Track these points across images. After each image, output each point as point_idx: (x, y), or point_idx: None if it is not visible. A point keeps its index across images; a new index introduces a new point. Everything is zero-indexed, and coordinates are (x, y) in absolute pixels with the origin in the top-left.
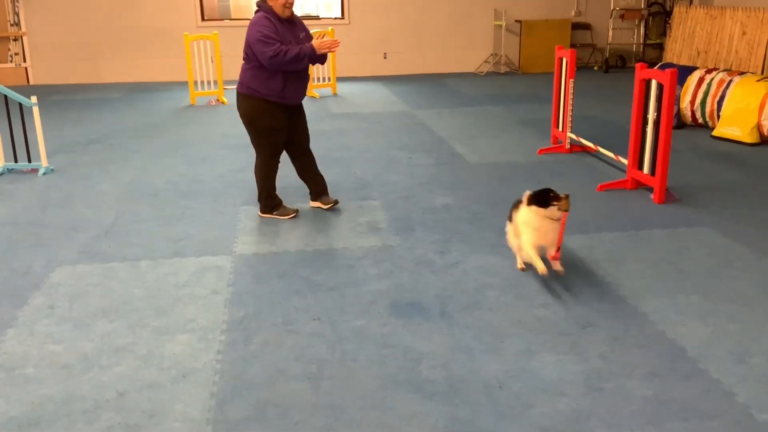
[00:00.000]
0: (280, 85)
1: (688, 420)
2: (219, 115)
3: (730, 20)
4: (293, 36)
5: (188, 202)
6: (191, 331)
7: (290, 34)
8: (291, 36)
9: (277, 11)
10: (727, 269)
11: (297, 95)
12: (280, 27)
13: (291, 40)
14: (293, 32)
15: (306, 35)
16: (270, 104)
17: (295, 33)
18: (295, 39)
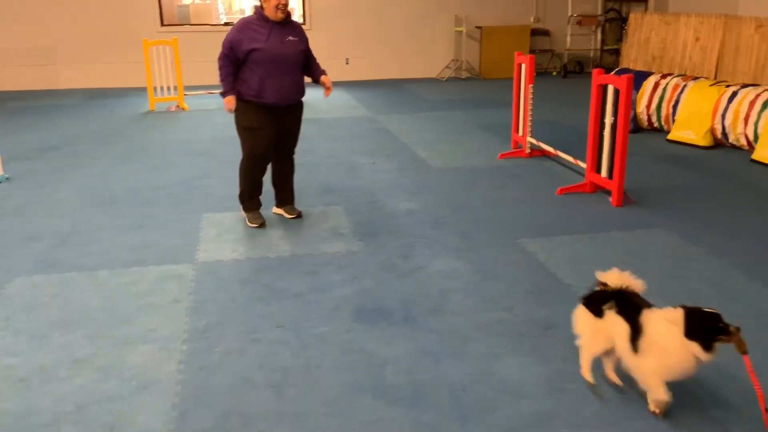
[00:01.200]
0: (256, 84)
1: (646, 418)
2: (180, 121)
3: (683, 26)
4: (278, 39)
5: (148, 209)
6: (152, 341)
7: (277, 36)
8: (276, 39)
9: (269, 14)
10: (683, 270)
11: (277, 96)
12: (260, 31)
13: (275, 42)
14: (280, 35)
15: (298, 39)
16: (247, 104)
17: (282, 36)
18: (279, 41)
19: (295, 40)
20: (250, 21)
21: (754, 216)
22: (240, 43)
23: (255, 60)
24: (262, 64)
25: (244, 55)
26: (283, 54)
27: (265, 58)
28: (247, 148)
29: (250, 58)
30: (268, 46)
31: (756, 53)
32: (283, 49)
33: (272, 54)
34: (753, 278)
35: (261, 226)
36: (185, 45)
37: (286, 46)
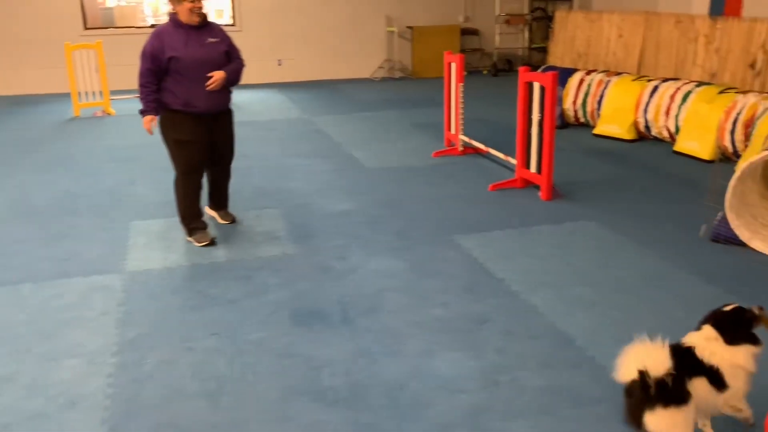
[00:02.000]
0: (184, 93)
1: (578, 407)
2: (106, 127)
3: (607, 23)
4: (198, 43)
5: (74, 219)
6: (79, 355)
7: (195, 41)
8: (195, 43)
9: (184, 19)
10: (610, 260)
11: (208, 103)
12: (178, 38)
13: (195, 47)
14: (199, 39)
15: (219, 41)
16: (177, 114)
17: (201, 39)
18: (199, 45)
19: (215, 42)
20: (164, 29)
21: (677, 205)
22: (161, 52)
23: (178, 68)
24: (186, 71)
25: (166, 64)
26: (204, 58)
27: (187, 64)
28: (182, 165)
29: (172, 66)
30: (188, 52)
31: (676, 48)
32: (204, 53)
33: (194, 59)
34: (677, 266)
35: (210, 244)
36: (110, 48)
37: (206, 49)
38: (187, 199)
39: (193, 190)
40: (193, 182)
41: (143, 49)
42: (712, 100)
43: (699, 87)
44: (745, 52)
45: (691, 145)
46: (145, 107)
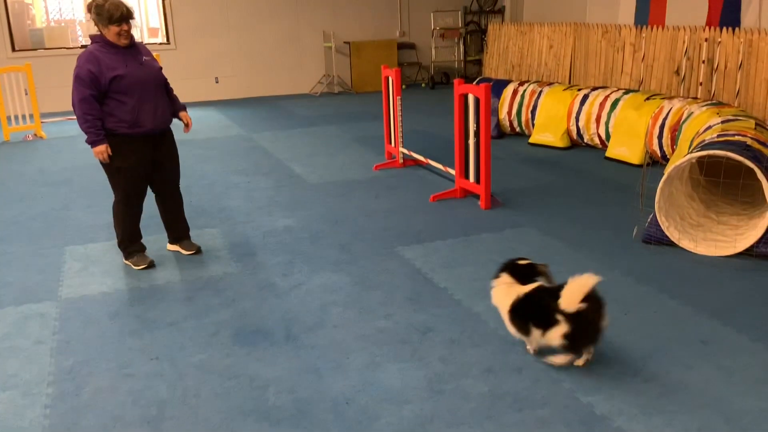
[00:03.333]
0: (129, 114)
1: (521, 410)
2: (37, 151)
3: (538, 35)
4: (135, 62)
5: (4, 246)
6: (13, 387)
7: (132, 60)
8: (133, 62)
9: (113, 40)
10: (549, 265)
11: (153, 121)
12: (114, 57)
13: (134, 66)
14: (135, 58)
15: (152, 59)
16: (119, 139)
17: (137, 59)
18: (138, 64)
19: (149, 60)
20: (95, 51)
21: (611, 209)
22: (100, 74)
23: (121, 89)
24: (131, 90)
25: (107, 86)
26: (146, 77)
27: (131, 83)
28: (123, 190)
29: (113, 88)
30: (129, 70)
31: (604, 57)
32: (144, 72)
33: (137, 78)
34: (612, 267)
35: (150, 266)
36: (40, 70)
37: (145, 67)
38: (126, 224)
39: (134, 213)
40: (133, 206)
41: (77, 75)
42: (639, 107)
43: (627, 94)
44: (669, 59)
45: (622, 151)
46: (94, 137)
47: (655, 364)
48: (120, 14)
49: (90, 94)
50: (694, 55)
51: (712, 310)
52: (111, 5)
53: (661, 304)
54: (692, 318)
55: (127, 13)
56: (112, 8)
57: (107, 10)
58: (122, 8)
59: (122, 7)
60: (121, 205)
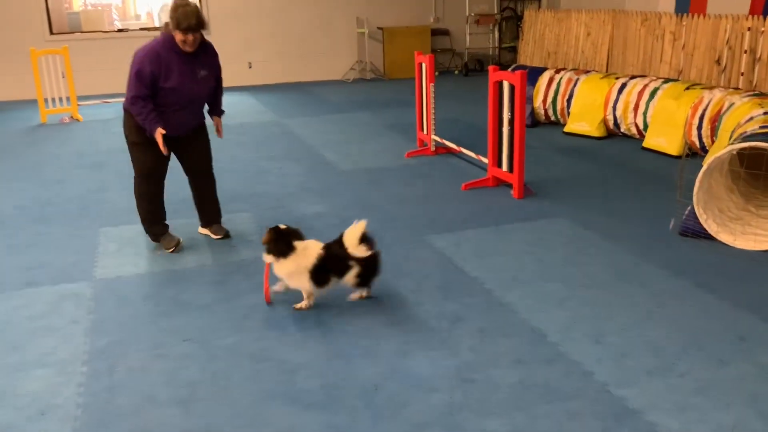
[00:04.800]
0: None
1: (551, 402)
2: (73, 133)
3: (575, 22)
4: (192, 75)
5: (41, 227)
6: (49, 365)
7: (190, 72)
8: (189, 75)
9: (178, 43)
10: (582, 256)
11: (176, 130)
12: (175, 60)
13: (187, 78)
14: (192, 67)
15: (209, 74)
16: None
17: (195, 71)
18: (193, 78)
19: (206, 76)
20: (159, 51)
21: (646, 201)
22: (159, 78)
23: (165, 99)
24: (173, 104)
25: (156, 91)
26: (193, 93)
27: (177, 98)
28: (137, 165)
29: (160, 94)
30: (181, 83)
31: (643, 46)
32: (194, 88)
33: (183, 93)
34: (647, 260)
35: (177, 246)
36: (77, 53)
37: (198, 84)
38: (144, 202)
39: (153, 193)
40: (151, 185)
41: (140, 70)
42: (679, 97)
43: (666, 84)
44: (710, 49)
45: (659, 141)
46: (152, 126)
47: (690, 359)
48: (187, 25)
49: (146, 93)
50: (736, 45)
51: (750, 306)
52: (182, 13)
53: (698, 298)
54: (729, 313)
55: (195, 26)
56: (181, 16)
57: (177, 16)
58: (191, 20)
59: (191, 19)
60: (138, 181)
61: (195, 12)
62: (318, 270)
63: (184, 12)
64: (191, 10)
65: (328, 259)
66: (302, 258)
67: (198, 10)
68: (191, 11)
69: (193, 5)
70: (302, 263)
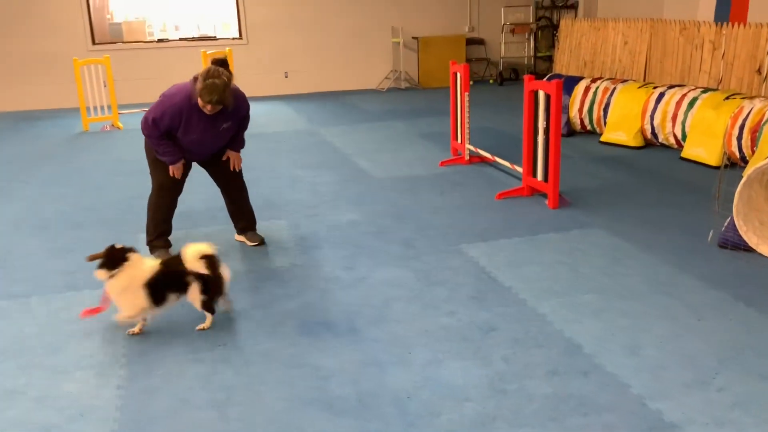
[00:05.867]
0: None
1: (586, 414)
2: (114, 141)
3: (612, 31)
4: (211, 126)
5: (81, 232)
6: (88, 367)
7: (211, 126)
8: (210, 129)
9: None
10: (617, 267)
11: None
12: (195, 115)
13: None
14: (214, 122)
15: (232, 123)
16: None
17: (217, 125)
18: (214, 130)
19: (228, 126)
20: (182, 106)
21: (684, 212)
22: (174, 128)
23: (185, 142)
24: (186, 146)
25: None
26: (213, 144)
27: (192, 144)
28: (157, 179)
29: (180, 136)
30: (200, 136)
31: (681, 55)
32: (213, 140)
33: (205, 143)
34: (684, 272)
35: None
36: (118, 63)
37: (219, 137)
38: (157, 213)
39: (166, 205)
40: (166, 198)
41: (158, 119)
42: (718, 106)
43: (705, 93)
44: (751, 58)
45: (698, 152)
46: (171, 159)
47: (728, 373)
48: (209, 99)
49: (161, 135)
50: None
51: None
52: (209, 86)
53: (737, 311)
54: None
55: (215, 103)
56: (206, 89)
57: (203, 87)
58: (213, 96)
59: (214, 96)
60: (154, 193)
61: (221, 89)
62: (154, 285)
63: (211, 86)
64: (218, 87)
65: (165, 274)
66: (137, 271)
67: (225, 87)
68: (217, 88)
69: (222, 81)
70: (137, 276)
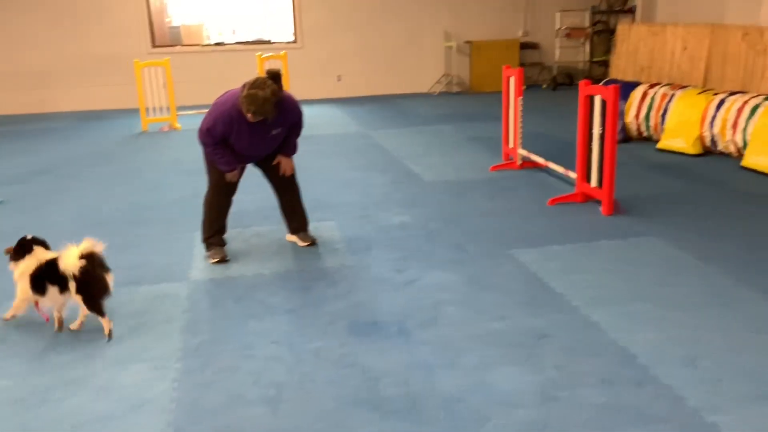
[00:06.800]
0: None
1: (639, 426)
2: (172, 141)
3: (671, 36)
4: (262, 132)
5: (141, 229)
6: (146, 360)
7: (261, 131)
8: (260, 133)
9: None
10: (674, 276)
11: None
12: (246, 122)
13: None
14: (264, 127)
15: (282, 130)
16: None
17: (267, 128)
18: (264, 136)
19: (279, 132)
20: (232, 113)
21: (744, 222)
22: (228, 137)
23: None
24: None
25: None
26: (264, 146)
27: (246, 150)
28: (213, 179)
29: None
30: (251, 142)
31: (743, 61)
32: (265, 145)
33: (254, 147)
34: (742, 283)
35: (221, 261)
36: (177, 65)
37: (270, 140)
38: (213, 211)
39: (222, 205)
40: (222, 197)
41: (211, 128)
42: None
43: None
44: None
45: (760, 161)
46: (227, 167)
47: None
48: (246, 109)
49: (216, 144)
50: None
51: None
52: (251, 96)
53: None
54: None
55: (255, 113)
56: (248, 99)
57: (246, 96)
58: (251, 108)
59: (251, 107)
60: (210, 193)
61: (260, 101)
62: (38, 275)
63: (252, 97)
64: (258, 98)
65: (50, 267)
66: (30, 261)
67: (265, 100)
68: (257, 99)
69: (265, 94)
70: (28, 266)
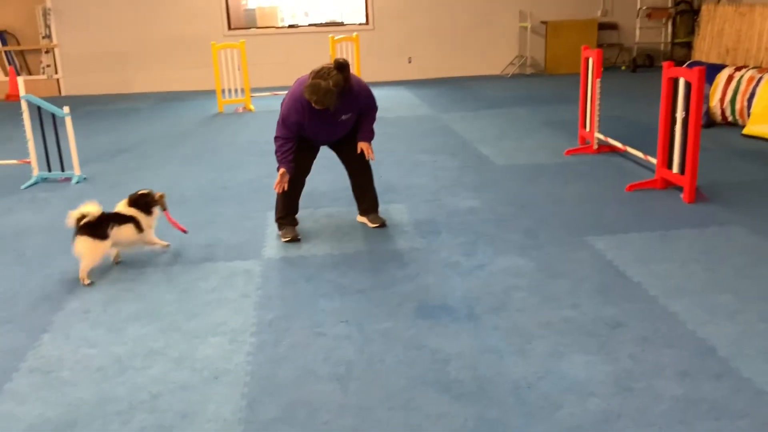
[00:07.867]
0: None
1: (718, 419)
2: (246, 123)
3: (759, 17)
4: (331, 117)
5: (217, 207)
6: (222, 333)
7: (330, 118)
8: (330, 120)
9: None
10: (758, 267)
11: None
12: (313, 109)
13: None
14: (334, 116)
15: (352, 114)
16: None
17: (337, 117)
18: (333, 122)
19: (349, 117)
20: (302, 101)
21: None
22: (300, 126)
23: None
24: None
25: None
26: (335, 131)
27: (318, 136)
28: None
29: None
30: (321, 131)
31: None
32: (336, 129)
33: (326, 133)
34: None
35: (293, 240)
36: (251, 48)
37: (340, 125)
38: (283, 193)
39: (292, 186)
40: (293, 179)
41: (285, 118)
42: None
43: None
44: None
45: None
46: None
47: None
48: (308, 98)
49: (289, 136)
50: None
51: None
52: (309, 86)
53: None
54: None
55: (315, 102)
56: (307, 88)
57: (308, 85)
58: (312, 97)
59: (313, 97)
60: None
61: (321, 91)
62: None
63: (314, 86)
64: (319, 88)
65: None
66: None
67: (327, 90)
68: (318, 89)
69: (327, 84)
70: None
